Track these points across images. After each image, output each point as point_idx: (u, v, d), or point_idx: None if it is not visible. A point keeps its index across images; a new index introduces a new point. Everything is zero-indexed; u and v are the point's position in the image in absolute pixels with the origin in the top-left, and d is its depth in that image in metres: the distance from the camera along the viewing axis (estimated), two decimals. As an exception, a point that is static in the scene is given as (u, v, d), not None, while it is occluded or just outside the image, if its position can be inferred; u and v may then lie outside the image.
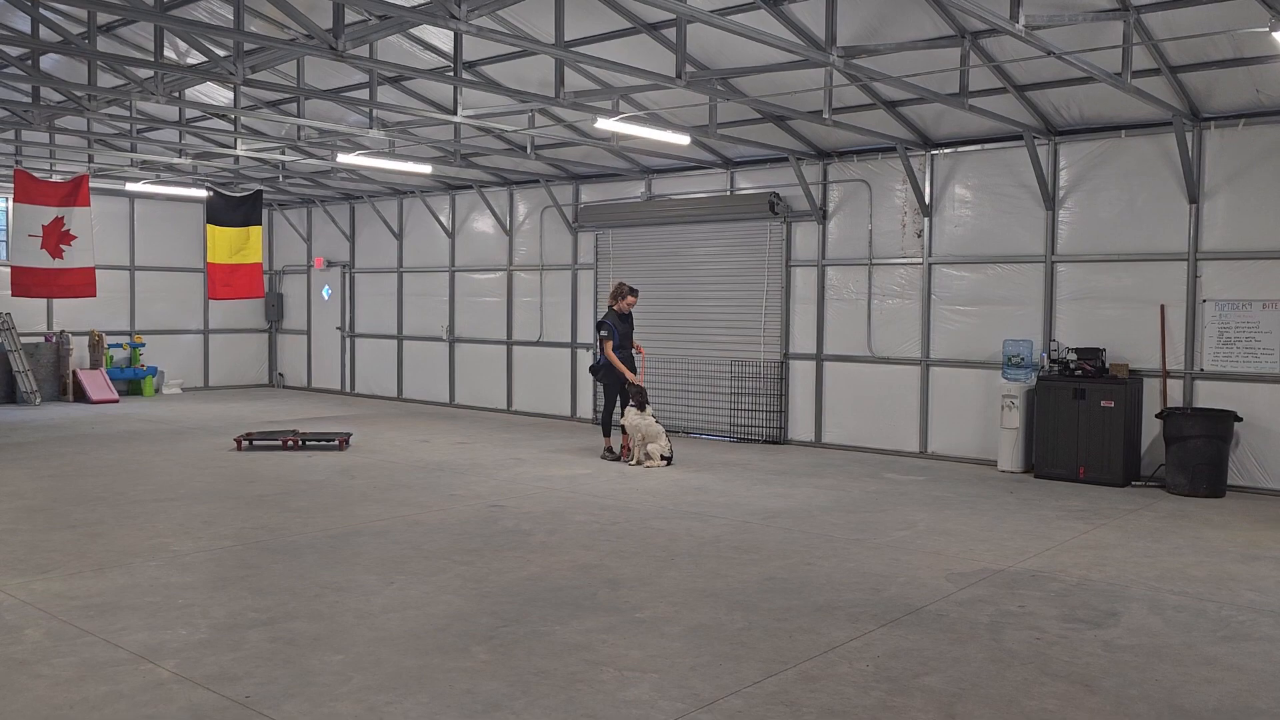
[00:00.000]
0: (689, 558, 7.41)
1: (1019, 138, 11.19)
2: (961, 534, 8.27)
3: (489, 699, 4.73)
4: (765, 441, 13.54)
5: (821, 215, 13.13)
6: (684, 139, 11.25)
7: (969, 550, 7.72)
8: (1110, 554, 7.65)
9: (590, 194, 15.76)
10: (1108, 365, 10.78)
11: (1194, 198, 10.46)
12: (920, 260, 12.36)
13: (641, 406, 11.71)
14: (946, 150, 12.11)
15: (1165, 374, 10.64)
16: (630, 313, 12.43)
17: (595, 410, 15.36)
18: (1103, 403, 10.48)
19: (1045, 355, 11.23)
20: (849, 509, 9.25)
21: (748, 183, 13.96)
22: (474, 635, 5.62)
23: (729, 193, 14.07)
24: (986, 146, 11.80)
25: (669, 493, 9.94)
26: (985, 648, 5.53)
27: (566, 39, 8.97)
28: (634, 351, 12.33)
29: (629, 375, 11.94)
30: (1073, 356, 10.90)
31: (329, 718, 4.50)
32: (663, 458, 11.51)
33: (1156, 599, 6.49)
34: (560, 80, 9.71)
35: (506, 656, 5.29)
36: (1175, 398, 10.63)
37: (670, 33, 9.45)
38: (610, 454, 12.17)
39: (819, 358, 13.27)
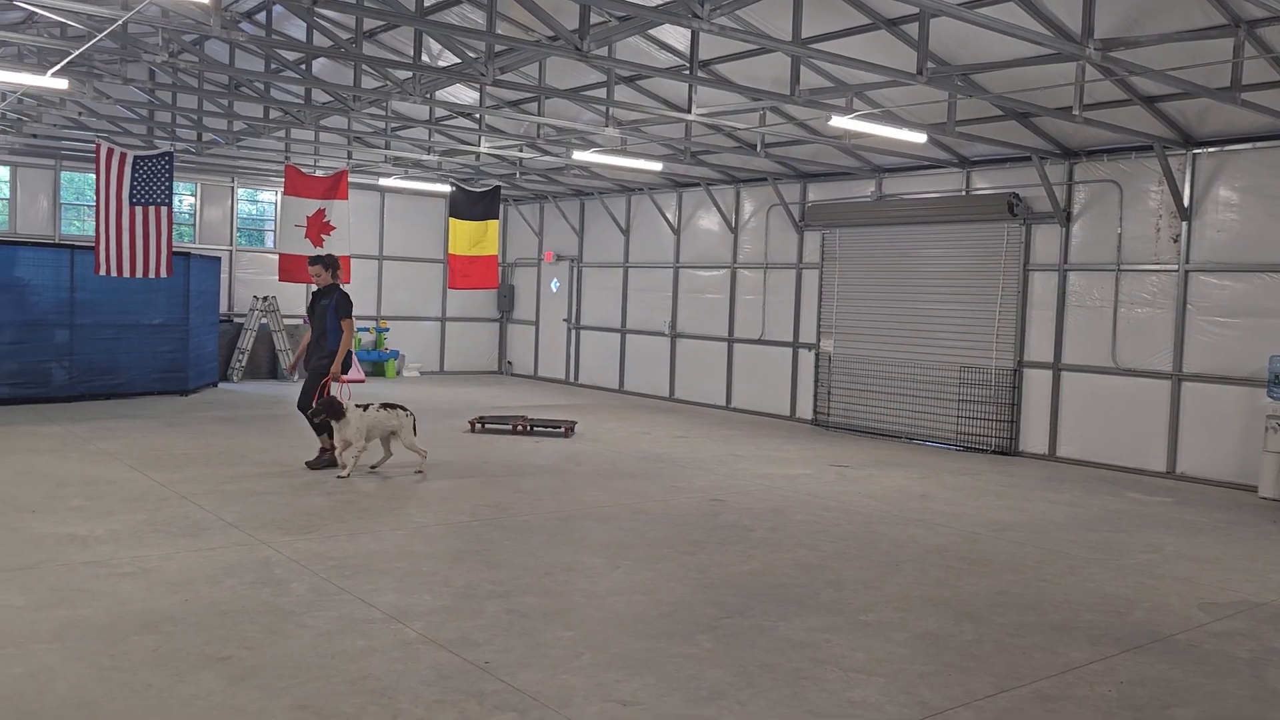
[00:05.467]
0: (914, 564, 7.23)
1: (1297, 135, 10.24)
2: (1216, 562, 7.66)
3: (714, 686, 4.79)
4: (993, 452, 13.00)
5: (1065, 217, 12.46)
6: (920, 137, 10.95)
7: (1225, 580, 7.15)
8: (1394, 596, 6.89)
9: (817, 193, 15.60)
10: (1395, 387, 9.71)
11: None
12: (1175, 267, 11.51)
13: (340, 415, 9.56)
14: (1211, 149, 11.22)
15: None
16: (321, 288, 10.28)
17: (815, 411, 15.23)
18: (1387, 429, 9.45)
19: (1319, 374, 10.24)
20: (1087, 526, 8.75)
21: (985, 183, 13.43)
22: (698, 624, 5.70)
23: (964, 193, 13.58)
24: (1258, 145, 10.84)
25: (892, 498, 9.72)
26: (1245, 684, 5.11)
27: (803, 36, 8.92)
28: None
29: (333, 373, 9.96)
30: (1352, 376, 9.89)
31: (561, 690, 4.68)
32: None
33: None
34: (795, 78, 9.66)
35: (730, 647, 5.33)
36: None
37: (910, 28, 9.21)
38: (323, 459, 10.04)
39: (1056, 366, 12.60)
